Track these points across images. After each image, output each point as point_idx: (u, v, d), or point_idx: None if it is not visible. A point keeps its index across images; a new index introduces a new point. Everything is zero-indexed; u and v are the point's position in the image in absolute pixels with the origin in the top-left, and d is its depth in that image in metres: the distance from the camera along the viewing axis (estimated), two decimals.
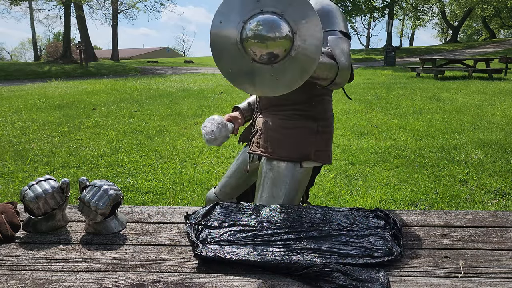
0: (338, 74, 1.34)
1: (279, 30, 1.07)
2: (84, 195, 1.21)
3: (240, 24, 1.10)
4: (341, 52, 1.37)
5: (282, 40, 1.07)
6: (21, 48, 60.72)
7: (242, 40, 1.09)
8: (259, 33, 1.06)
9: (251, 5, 1.10)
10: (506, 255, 1.10)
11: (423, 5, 34.06)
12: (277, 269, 1.00)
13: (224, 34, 1.11)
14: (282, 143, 1.53)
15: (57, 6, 23.86)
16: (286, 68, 1.11)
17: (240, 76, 1.12)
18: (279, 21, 1.07)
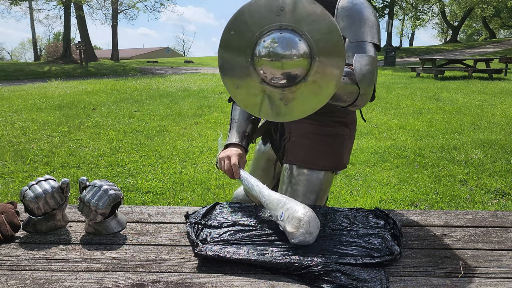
0: (358, 99, 1.24)
1: (296, 48, 0.97)
2: (84, 195, 1.21)
3: (255, 38, 1.00)
4: (366, 73, 1.25)
5: (299, 59, 0.97)
6: (21, 48, 60.79)
7: (254, 57, 1.00)
8: (273, 51, 0.97)
9: (269, 18, 1.00)
10: (506, 255, 1.10)
11: (423, 5, 34.07)
12: (276, 268, 1.00)
13: (234, 46, 1.02)
14: (320, 152, 1.46)
15: (57, 6, 23.86)
16: (299, 95, 1.01)
17: (246, 96, 1.04)
18: (296, 39, 0.98)
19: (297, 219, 1.08)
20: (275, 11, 0.99)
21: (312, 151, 1.47)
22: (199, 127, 6.05)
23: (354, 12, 1.29)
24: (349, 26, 1.29)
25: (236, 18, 1.01)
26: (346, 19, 1.29)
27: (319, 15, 0.98)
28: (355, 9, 1.30)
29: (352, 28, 1.28)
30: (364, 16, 1.30)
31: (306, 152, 1.46)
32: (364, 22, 1.30)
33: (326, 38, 0.98)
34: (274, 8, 0.99)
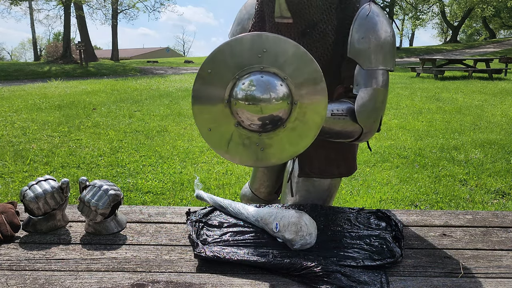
0: (361, 136, 1.20)
1: (275, 91, 0.93)
2: (84, 195, 1.21)
3: (233, 79, 0.95)
4: (370, 111, 1.17)
5: (279, 102, 0.94)
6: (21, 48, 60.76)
7: (230, 100, 0.95)
8: (251, 94, 0.92)
9: (250, 59, 0.95)
10: (506, 255, 1.10)
11: (423, 5, 34.07)
12: (276, 269, 1.00)
13: (211, 86, 0.96)
14: (334, 160, 1.42)
15: (57, 6, 23.85)
16: (276, 142, 0.97)
17: (219, 139, 0.98)
18: (276, 82, 0.93)
19: (293, 224, 1.08)
20: (256, 53, 0.95)
21: (326, 160, 1.42)
22: None
23: (372, 34, 1.16)
24: (364, 50, 1.16)
25: (215, 57, 0.96)
26: (362, 41, 1.15)
27: (303, 60, 0.95)
28: (374, 31, 1.16)
29: (366, 54, 1.16)
30: (382, 39, 1.16)
31: (320, 162, 1.41)
32: (380, 46, 1.17)
33: (308, 84, 0.95)
34: (255, 50, 0.95)
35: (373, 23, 1.16)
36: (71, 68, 18.09)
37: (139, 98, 8.97)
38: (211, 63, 0.96)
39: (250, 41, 0.95)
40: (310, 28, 1.16)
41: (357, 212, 1.34)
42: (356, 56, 1.17)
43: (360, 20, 1.16)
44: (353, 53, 1.17)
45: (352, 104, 1.19)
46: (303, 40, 1.18)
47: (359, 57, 1.17)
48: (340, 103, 1.20)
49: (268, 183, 1.72)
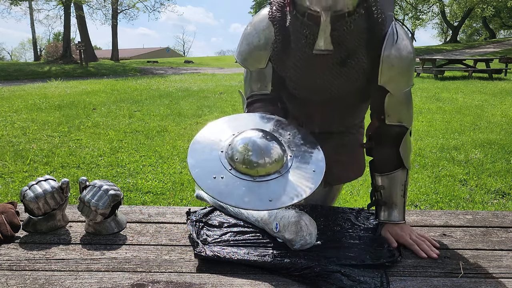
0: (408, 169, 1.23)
1: (269, 156, 1.05)
2: (84, 195, 1.21)
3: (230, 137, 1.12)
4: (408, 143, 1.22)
5: (272, 164, 1.05)
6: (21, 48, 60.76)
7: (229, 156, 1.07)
8: (248, 159, 1.04)
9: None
10: (506, 255, 1.10)
11: (423, 5, 34.06)
12: (276, 269, 1.00)
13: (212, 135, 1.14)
14: (349, 164, 1.45)
15: (57, 6, 23.85)
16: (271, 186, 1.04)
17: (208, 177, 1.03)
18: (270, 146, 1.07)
19: (293, 224, 1.08)
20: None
21: (343, 167, 1.43)
22: (199, 127, 6.03)
23: (400, 61, 1.16)
24: (394, 77, 1.17)
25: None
26: (393, 69, 1.16)
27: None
28: (402, 58, 1.16)
29: (396, 80, 1.17)
30: (408, 63, 1.18)
31: (338, 169, 1.42)
32: (407, 70, 1.18)
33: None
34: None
35: (400, 49, 1.15)
36: (71, 68, 18.09)
37: (139, 98, 8.97)
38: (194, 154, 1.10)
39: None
40: (349, 57, 1.15)
41: (357, 212, 1.34)
42: (386, 84, 1.17)
43: (389, 48, 1.14)
44: (384, 82, 1.17)
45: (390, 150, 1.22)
46: (342, 70, 1.16)
47: (389, 85, 1.17)
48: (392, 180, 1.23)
49: None
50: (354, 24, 1.06)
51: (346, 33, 1.07)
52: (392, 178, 1.21)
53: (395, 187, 1.21)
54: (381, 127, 1.22)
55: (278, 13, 1.19)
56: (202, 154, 1.09)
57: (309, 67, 1.18)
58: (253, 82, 1.30)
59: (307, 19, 1.04)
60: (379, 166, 1.24)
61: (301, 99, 1.29)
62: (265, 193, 1.01)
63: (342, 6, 1.00)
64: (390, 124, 1.21)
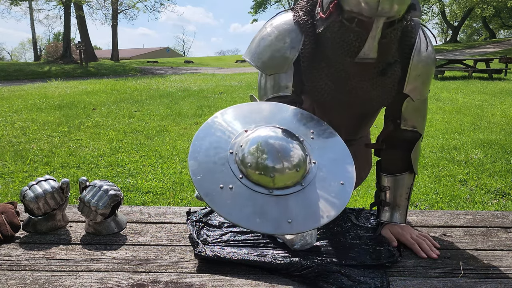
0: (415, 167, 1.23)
1: (289, 160, 0.85)
2: (84, 195, 1.21)
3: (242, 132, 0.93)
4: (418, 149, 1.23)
5: (292, 171, 0.87)
6: (21, 48, 60.75)
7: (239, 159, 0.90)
8: (262, 164, 0.84)
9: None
10: (506, 256, 1.10)
11: (423, 5, 34.06)
12: (276, 269, 1.00)
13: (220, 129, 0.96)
14: (362, 165, 1.48)
15: (57, 6, 23.86)
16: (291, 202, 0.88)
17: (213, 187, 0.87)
18: (289, 147, 0.86)
19: None
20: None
21: (357, 169, 1.42)
22: (199, 127, 6.04)
23: (426, 70, 1.16)
24: (418, 86, 1.17)
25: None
26: (418, 78, 1.15)
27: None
28: (427, 66, 1.16)
29: (419, 88, 1.17)
30: (432, 71, 1.19)
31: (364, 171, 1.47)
32: (430, 77, 1.20)
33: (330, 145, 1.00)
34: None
35: (427, 57, 1.15)
36: (71, 68, 18.09)
37: (139, 98, 8.96)
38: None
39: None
40: (388, 66, 1.13)
41: (357, 212, 1.34)
42: (410, 92, 1.17)
43: (418, 58, 1.13)
44: (409, 90, 1.16)
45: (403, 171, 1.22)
46: (380, 80, 1.14)
47: (413, 92, 1.17)
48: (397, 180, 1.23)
49: None
50: (399, 32, 1.05)
51: (391, 43, 1.06)
52: (398, 180, 1.22)
53: (400, 189, 1.21)
54: (396, 131, 1.23)
55: (306, 17, 1.15)
56: (207, 156, 0.88)
57: (347, 77, 1.13)
58: (270, 86, 1.16)
59: (356, 25, 1.00)
60: (387, 167, 1.25)
61: (328, 108, 1.25)
62: (283, 212, 0.82)
63: (396, 13, 0.98)
64: (404, 128, 1.21)
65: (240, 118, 0.95)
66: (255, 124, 0.94)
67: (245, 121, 0.92)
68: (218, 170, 0.86)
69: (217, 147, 0.89)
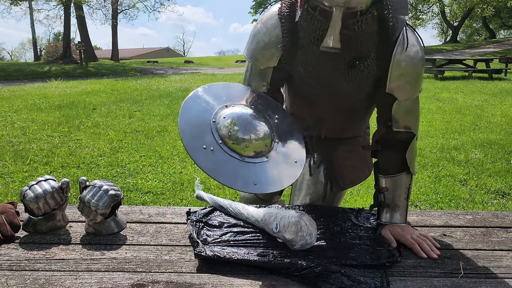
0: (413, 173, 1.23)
1: (255, 133, 1.06)
2: (84, 195, 1.21)
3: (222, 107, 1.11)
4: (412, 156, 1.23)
5: (259, 141, 1.05)
6: (21, 48, 60.74)
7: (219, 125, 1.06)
8: (235, 135, 1.04)
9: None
10: (506, 256, 1.10)
11: (423, 5, 34.06)
12: (276, 269, 1.00)
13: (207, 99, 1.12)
14: (360, 167, 1.47)
15: (57, 6, 23.85)
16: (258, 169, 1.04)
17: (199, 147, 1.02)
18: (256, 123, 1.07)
19: (293, 224, 1.08)
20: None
21: (355, 170, 1.45)
22: None
23: (410, 69, 1.14)
24: (403, 86, 1.16)
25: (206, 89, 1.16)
26: (402, 78, 1.14)
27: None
28: (412, 65, 1.14)
29: (405, 88, 1.16)
30: (418, 70, 1.16)
31: (350, 173, 1.44)
32: (417, 77, 1.17)
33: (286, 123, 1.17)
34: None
35: (411, 56, 1.13)
36: (71, 68, 18.09)
37: (139, 98, 8.96)
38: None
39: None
40: (358, 59, 1.13)
41: (357, 212, 1.34)
42: (394, 91, 1.16)
43: (400, 56, 1.12)
44: (391, 89, 1.16)
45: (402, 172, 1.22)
46: (351, 72, 1.15)
47: (397, 92, 1.16)
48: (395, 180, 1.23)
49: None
50: (366, 25, 1.04)
51: (357, 33, 1.05)
52: (396, 180, 1.22)
53: (398, 189, 1.21)
54: (388, 133, 1.22)
55: (287, 10, 1.17)
56: (194, 121, 1.05)
57: (318, 65, 1.16)
58: (253, 79, 1.27)
59: (319, 14, 1.03)
60: (384, 168, 1.25)
61: (310, 100, 1.28)
62: (252, 175, 1.01)
63: (356, 4, 0.99)
64: (397, 130, 1.21)
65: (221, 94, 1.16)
66: (233, 101, 1.14)
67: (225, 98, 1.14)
68: (202, 134, 1.04)
69: (202, 116, 1.07)
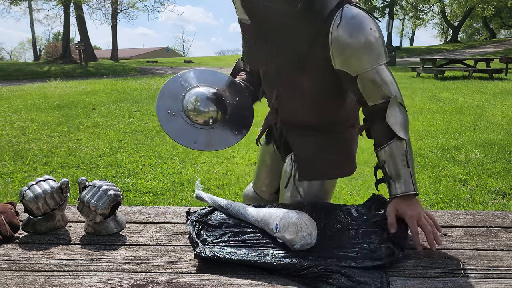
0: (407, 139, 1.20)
1: (208, 110, 1.35)
2: (83, 195, 1.20)
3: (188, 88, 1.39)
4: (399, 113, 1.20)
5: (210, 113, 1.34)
6: (20, 48, 60.70)
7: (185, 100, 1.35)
8: (191, 106, 1.33)
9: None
10: (507, 256, 1.10)
11: (423, 5, 34.09)
12: (276, 269, 1.00)
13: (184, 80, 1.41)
14: (330, 162, 1.42)
15: (56, 6, 23.86)
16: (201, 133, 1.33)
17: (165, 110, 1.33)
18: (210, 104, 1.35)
19: (293, 224, 1.08)
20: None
21: (326, 163, 1.42)
22: None
23: (351, 44, 1.12)
24: (349, 59, 1.15)
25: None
26: (345, 52, 1.14)
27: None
28: (353, 40, 1.12)
29: (353, 63, 1.15)
30: (364, 45, 1.13)
31: (320, 165, 1.42)
32: (363, 51, 1.13)
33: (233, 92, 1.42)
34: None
35: (349, 30, 1.11)
36: (70, 68, 18.09)
37: (139, 98, 8.96)
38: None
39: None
40: (273, 34, 1.18)
41: (357, 211, 1.34)
42: (343, 67, 1.17)
43: (335, 32, 1.12)
44: (339, 64, 1.16)
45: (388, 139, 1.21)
46: (267, 45, 1.22)
47: (346, 67, 1.16)
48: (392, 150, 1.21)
49: (267, 181, 1.72)
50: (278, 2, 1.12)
51: (263, 7, 1.12)
52: (389, 150, 1.20)
53: (395, 158, 1.19)
54: (367, 108, 1.25)
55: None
56: (171, 93, 1.37)
57: (250, 38, 1.30)
58: (241, 59, 1.44)
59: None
60: (376, 142, 1.25)
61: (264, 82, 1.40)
62: (195, 137, 1.32)
63: None
64: (374, 104, 1.21)
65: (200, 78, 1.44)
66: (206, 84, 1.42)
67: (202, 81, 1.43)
68: (172, 102, 1.35)
69: (178, 89, 1.38)
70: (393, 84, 1.21)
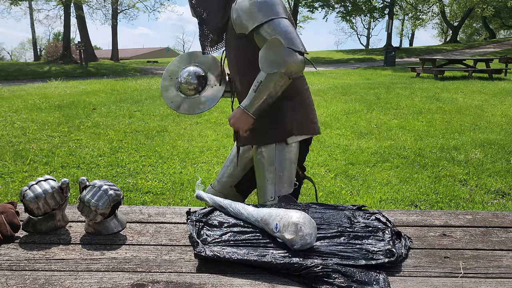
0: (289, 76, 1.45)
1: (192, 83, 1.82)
2: (84, 195, 1.20)
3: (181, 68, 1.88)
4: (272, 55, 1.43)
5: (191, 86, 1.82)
6: (21, 48, 60.68)
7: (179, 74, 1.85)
8: (179, 79, 1.85)
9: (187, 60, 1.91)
10: (506, 255, 1.10)
11: (423, 5, 34.07)
12: (276, 269, 1.00)
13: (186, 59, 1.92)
14: (264, 128, 1.63)
15: (57, 6, 23.85)
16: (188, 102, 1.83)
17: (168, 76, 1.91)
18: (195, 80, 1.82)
19: (293, 224, 1.08)
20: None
21: (258, 130, 1.63)
22: (199, 127, 6.05)
23: (240, 10, 1.49)
24: (242, 22, 1.51)
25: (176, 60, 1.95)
26: (239, 18, 1.51)
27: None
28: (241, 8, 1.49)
29: (244, 24, 1.50)
30: (248, 9, 1.47)
31: (252, 133, 1.63)
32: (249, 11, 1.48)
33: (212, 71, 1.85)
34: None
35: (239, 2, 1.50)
36: (71, 68, 18.09)
37: (139, 98, 8.96)
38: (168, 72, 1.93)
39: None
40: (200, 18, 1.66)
41: (357, 211, 1.34)
42: (241, 29, 1.52)
43: (234, 6, 1.53)
44: (238, 29, 1.53)
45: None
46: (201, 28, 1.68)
47: (241, 28, 1.52)
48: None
49: (230, 171, 1.91)
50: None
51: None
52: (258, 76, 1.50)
53: (253, 83, 1.50)
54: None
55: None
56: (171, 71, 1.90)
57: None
58: None
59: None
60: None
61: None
62: (174, 99, 1.86)
63: None
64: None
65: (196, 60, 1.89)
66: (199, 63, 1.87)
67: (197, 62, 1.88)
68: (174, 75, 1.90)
69: (175, 69, 1.90)
70: (287, 33, 1.43)
